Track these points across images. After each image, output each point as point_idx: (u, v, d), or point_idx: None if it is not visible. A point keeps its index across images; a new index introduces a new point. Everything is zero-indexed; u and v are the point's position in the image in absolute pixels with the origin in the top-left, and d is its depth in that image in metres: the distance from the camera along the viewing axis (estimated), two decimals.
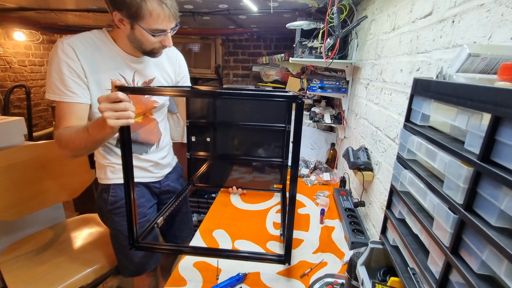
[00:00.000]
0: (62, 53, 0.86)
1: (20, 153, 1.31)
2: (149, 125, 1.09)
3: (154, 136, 1.11)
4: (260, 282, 0.84)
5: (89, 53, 0.90)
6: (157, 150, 1.13)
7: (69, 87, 0.87)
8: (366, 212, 1.12)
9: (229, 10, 1.85)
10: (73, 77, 0.87)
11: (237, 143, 1.34)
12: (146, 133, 1.08)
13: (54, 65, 0.86)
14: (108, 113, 0.69)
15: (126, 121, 0.71)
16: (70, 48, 0.86)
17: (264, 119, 1.28)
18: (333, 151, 1.79)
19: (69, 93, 0.87)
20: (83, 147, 0.83)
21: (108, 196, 1.06)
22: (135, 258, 1.12)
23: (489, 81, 0.40)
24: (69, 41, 0.87)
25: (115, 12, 0.85)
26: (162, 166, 1.16)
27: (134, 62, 0.99)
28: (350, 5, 1.30)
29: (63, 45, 0.86)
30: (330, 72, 1.63)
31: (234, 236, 1.06)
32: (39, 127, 3.63)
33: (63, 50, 0.86)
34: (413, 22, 0.81)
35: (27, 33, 3.26)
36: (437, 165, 0.43)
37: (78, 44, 0.88)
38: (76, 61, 0.87)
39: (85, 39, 0.91)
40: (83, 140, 0.81)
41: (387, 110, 0.96)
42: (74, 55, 0.87)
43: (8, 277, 1.13)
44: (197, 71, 3.18)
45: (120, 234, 1.08)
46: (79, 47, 0.88)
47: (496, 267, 0.32)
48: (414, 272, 0.51)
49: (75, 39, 0.89)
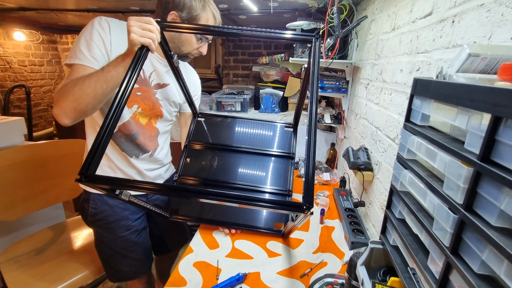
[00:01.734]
0: (98, 25, 0.86)
1: (20, 153, 1.31)
2: (150, 131, 1.06)
3: (152, 143, 1.07)
4: (260, 282, 0.84)
5: (121, 35, 0.88)
6: (148, 160, 1.09)
7: (93, 53, 0.85)
8: (366, 212, 1.12)
9: (229, 10, 1.85)
10: (100, 46, 0.86)
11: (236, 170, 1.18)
12: (145, 137, 1.05)
13: (86, 33, 0.85)
14: (135, 28, 0.70)
15: (149, 41, 0.71)
16: (106, 23, 0.88)
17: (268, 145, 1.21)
18: (333, 151, 1.79)
19: (91, 58, 0.84)
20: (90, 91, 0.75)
21: (89, 208, 1.03)
22: (120, 267, 1.09)
23: (489, 81, 0.40)
24: (107, 18, 0.89)
25: (172, 11, 0.91)
26: (148, 178, 1.10)
27: (158, 62, 1.01)
28: (350, 5, 1.30)
29: (101, 19, 0.88)
30: (330, 72, 1.63)
31: (234, 236, 1.06)
32: (39, 127, 3.63)
33: (100, 23, 0.87)
34: (413, 22, 0.81)
35: (27, 33, 3.27)
36: (437, 165, 0.43)
37: (114, 23, 0.90)
38: (108, 34, 0.87)
39: (121, 23, 0.92)
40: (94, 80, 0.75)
41: (387, 110, 0.96)
42: (108, 29, 0.87)
43: (8, 277, 1.13)
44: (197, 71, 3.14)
45: (103, 245, 1.07)
46: (114, 25, 0.89)
47: (496, 267, 0.32)
48: (414, 272, 0.51)
49: (113, 19, 0.90)
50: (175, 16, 0.91)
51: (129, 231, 1.07)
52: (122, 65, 0.74)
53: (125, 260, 1.09)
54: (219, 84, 3.24)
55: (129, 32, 0.70)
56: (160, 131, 1.10)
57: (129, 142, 1.02)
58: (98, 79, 0.75)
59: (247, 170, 1.16)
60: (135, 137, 1.02)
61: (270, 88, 2.51)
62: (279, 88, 2.51)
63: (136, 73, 0.69)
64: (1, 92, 3.11)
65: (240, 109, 2.45)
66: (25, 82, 3.32)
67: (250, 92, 2.63)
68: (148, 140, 1.06)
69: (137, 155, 1.04)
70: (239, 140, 1.22)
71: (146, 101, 1.02)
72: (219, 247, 0.99)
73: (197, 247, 0.99)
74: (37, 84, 3.58)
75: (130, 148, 1.02)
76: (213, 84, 3.30)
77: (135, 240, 1.09)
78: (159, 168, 1.16)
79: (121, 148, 1.00)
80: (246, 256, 0.95)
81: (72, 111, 0.77)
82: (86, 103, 0.77)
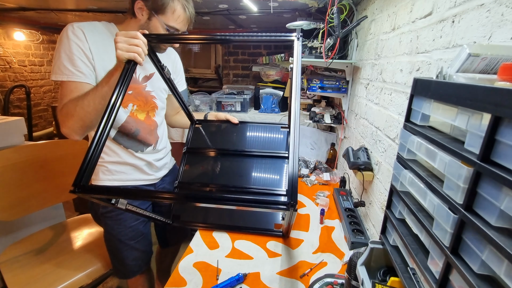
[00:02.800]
0: (72, 35, 0.87)
1: (20, 153, 1.31)
2: (149, 125, 1.10)
3: (152, 137, 1.12)
4: (260, 282, 0.84)
5: (97, 38, 0.91)
6: (153, 152, 1.14)
7: (78, 67, 0.87)
8: (366, 212, 1.12)
9: (229, 10, 1.85)
10: (82, 57, 0.88)
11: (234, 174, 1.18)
12: (146, 132, 1.09)
13: (63, 46, 0.86)
14: (121, 44, 0.73)
15: (134, 55, 0.74)
16: (79, 30, 0.88)
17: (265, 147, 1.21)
18: (333, 151, 1.79)
19: (78, 72, 0.87)
20: (91, 109, 0.81)
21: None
22: (126, 260, 1.12)
23: (489, 81, 0.39)
24: (79, 25, 0.89)
25: (139, 0, 0.91)
26: (156, 167, 1.15)
27: None
28: (350, 5, 1.30)
29: (73, 28, 0.88)
30: (330, 72, 1.62)
31: (234, 236, 1.06)
32: (39, 127, 3.63)
33: (73, 32, 0.87)
34: (413, 22, 0.81)
35: (27, 33, 3.26)
36: (437, 165, 0.43)
37: (88, 28, 0.90)
38: (85, 42, 0.88)
39: (94, 26, 0.93)
40: (91, 99, 0.81)
41: (387, 110, 0.96)
42: (83, 37, 0.88)
43: (8, 277, 1.13)
44: (197, 71, 3.18)
45: (112, 238, 1.09)
46: (88, 31, 0.90)
47: (496, 267, 0.32)
48: (414, 272, 0.51)
49: (85, 24, 0.91)
50: (141, 5, 0.92)
51: (138, 221, 1.11)
52: (113, 80, 0.79)
53: (132, 252, 1.12)
54: (219, 84, 3.24)
55: (116, 48, 0.73)
56: (158, 123, 1.15)
57: (131, 140, 1.05)
58: (95, 96, 0.81)
59: (245, 173, 1.17)
60: (136, 134, 1.06)
61: (270, 88, 2.51)
62: (279, 88, 2.51)
63: (124, 87, 0.71)
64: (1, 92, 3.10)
65: (240, 109, 2.45)
66: (25, 82, 3.32)
67: (250, 92, 2.63)
68: (148, 135, 1.10)
69: (142, 150, 1.09)
70: (236, 144, 1.23)
71: (139, 97, 1.05)
72: (219, 247, 0.99)
73: (197, 247, 0.99)
74: (37, 84, 3.58)
75: (134, 144, 1.06)
76: (213, 84, 3.30)
77: (142, 231, 1.13)
78: (164, 157, 1.21)
79: (125, 146, 1.04)
80: (246, 256, 0.95)
81: (80, 129, 0.86)
82: (90, 119, 0.84)
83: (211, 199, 0.60)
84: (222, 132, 1.28)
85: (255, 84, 2.77)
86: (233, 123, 1.26)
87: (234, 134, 1.27)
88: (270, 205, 0.58)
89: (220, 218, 1.12)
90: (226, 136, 1.27)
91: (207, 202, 0.59)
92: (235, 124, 1.27)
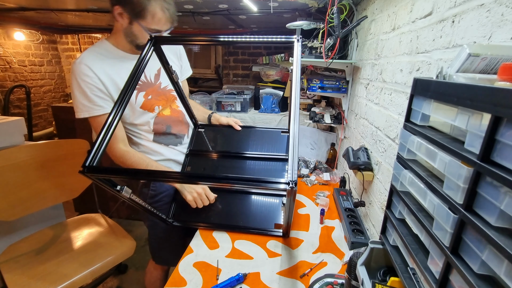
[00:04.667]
0: (79, 73, 0.92)
1: (20, 153, 1.31)
2: (177, 117, 1.17)
3: (183, 126, 1.20)
4: (260, 282, 0.84)
5: (104, 66, 0.96)
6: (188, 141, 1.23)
7: (94, 102, 0.94)
8: (366, 212, 1.12)
9: (229, 10, 1.85)
10: (95, 92, 0.95)
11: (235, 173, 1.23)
12: (176, 124, 1.17)
13: (75, 86, 0.93)
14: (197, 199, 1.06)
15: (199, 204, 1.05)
16: (85, 67, 0.93)
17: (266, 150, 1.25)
18: (333, 151, 1.79)
19: (96, 107, 0.95)
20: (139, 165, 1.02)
21: (148, 191, 1.13)
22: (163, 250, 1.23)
23: (489, 81, 0.39)
24: (82, 60, 0.94)
25: (117, 6, 0.91)
26: None
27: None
28: (350, 5, 1.30)
29: (78, 66, 0.93)
30: (330, 72, 1.62)
31: (234, 236, 1.06)
32: (39, 127, 3.63)
33: (80, 70, 0.92)
34: (413, 22, 0.81)
35: (27, 33, 3.27)
36: (437, 165, 0.43)
37: (91, 61, 0.94)
38: (93, 77, 0.94)
39: (94, 54, 0.97)
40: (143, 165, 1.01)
41: (387, 110, 0.96)
42: (90, 72, 0.93)
43: (8, 277, 1.13)
44: (197, 71, 3.18)
45: (156, 225, 1.18)
46: (93, 63, 0.94)
47: (496, 267, 0.32)
48: (414, 272, 0.51)
49: (86, 57, 0.95)
50: (120, 11, 0.93)
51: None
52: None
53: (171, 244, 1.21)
54: (219, 84, 3.25)
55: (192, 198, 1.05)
56: (183, 112, 1.21)
57: (168, 136, 1.15)
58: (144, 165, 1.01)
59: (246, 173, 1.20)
60: (169, 130, 1.15)
61: (270, 88, 2.51)
62: (279, 88, 2.51)
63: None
64: (1, 92, 3.11)
65: (240, 109, 2.45)
66: (25, 82, 3.32)
67: (250, 92, 2.63)
68: (179, 126, 1.19)
69: (180, 142, 1.19)
70: (238, 147, 1.28)
71: (159, 97, 1.11)
72: (219, 247, 0.99)
73: (197, 247, 0.99)
74: (37, 84, 3.58)
75: (171, 140, 1.16)
76: (213, 84, 3.30)
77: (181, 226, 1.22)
78: None
79: (165, 144, 1.14)
80: (246, 256, 0.95)
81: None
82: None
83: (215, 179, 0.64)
84: (224, 136, 1.34)
85: (255, 84, 2.77)
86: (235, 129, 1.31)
87: (235, 138, 1.31)
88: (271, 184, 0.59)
89: (220, 218, 1.13)
90: (228, 140, 1.32)
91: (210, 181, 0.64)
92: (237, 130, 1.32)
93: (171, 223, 1.10)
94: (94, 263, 1.22)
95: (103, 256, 1.27)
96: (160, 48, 0.96)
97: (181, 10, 1.92)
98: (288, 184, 0.56)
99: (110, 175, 0.68)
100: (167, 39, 0.94)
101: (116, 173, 0.69)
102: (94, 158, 0.64)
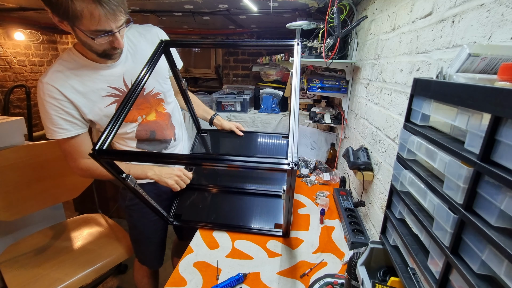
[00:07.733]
0: (45, 94, 0.86)
1: (20, 153, 1.31)
2: (163, 121, 1.11)
3: (169, 131, 1.14)
4: (260, 282, 0.84)
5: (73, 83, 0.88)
6: (175, 144, 1.18)
7: (58, 125, 0.90)
8: (366, 212, 1.12)
9: (229, 10, 1.85)
10: (60, 114, 0.89)
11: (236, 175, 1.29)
12: (161, 130, 1.11)
13: (41, 107, 0.89)
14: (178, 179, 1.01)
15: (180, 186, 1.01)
16: (51, 87, 0.85)
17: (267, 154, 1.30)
18: (333, 151, 1.79)
19: (60, 130, 0.90)
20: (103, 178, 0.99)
21: (127, 192, 1.12)
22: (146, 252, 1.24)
23: (489, 81, 0.39)
24: (48, 79, 0.85)
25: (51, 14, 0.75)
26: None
27: (115, 67, 0.94)
28: (350, 5, 1.30)
29: (44, 86, 0.85)
30: (330, 72, 1.62)
31: (234, 236, 1.06)
32: (39, 127, 3.63)
33: (45, 91, 0.85)
34: (413, 22, 0.81)
35: (27, 33, 3.26)
36: (437, 165, 0.43)
37: (59, 79, 0.86)
38: (61, 99, 0.87)
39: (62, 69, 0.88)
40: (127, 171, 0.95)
41: (387, 110, 0.96)
42: (57, 94, 0.86)
43: (8, 277, 1.13)
44: (197, 71, 3.18)
45: (135, 229, 1.19)
46: (61, 82, 0.86)
47: (496, 267, 0.32)
48: (414, 272, 0.51)
49: (52, 75, 0.86)
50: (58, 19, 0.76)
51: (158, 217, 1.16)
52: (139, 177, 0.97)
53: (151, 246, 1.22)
54: (219, 84, 3.24)
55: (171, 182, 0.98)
56: (170, 112, 1.15)
57: (151, 142, 1.10)
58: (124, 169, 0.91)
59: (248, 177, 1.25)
60: (153, 136, 1.09)
61: (270, 88, 2.51)
62: (279, 88, 2.51)
63: None
64: (1, 92, 3.11)
65: (240, 109, 2.45)
66: (25, 82, 3.32)
67: (250, 92, 2.63)
68: (164, 131, 1.12)
69: (165, 147, 1.14)
70: (239, 151, 1.31)
71: (141, 106, 1.04)
72: (219, 247, 0.99)
73: (197, 247, 0.99)
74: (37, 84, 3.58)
75: (156, 146, 1.11)
76: (213, 84, 3.30)
77: (161, 227, 1.22)
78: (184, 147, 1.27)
79: (150, 150, 1.09)
80: (246, 256, 0.95)
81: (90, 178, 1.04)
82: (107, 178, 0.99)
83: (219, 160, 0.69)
84: (226, 141, 1.37)
85: (255, 84, 2.77)
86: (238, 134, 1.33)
87: (237, 142, 1.34)
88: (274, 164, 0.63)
89: (220, 217, 1.13)
90: (229, 144, 1.36)
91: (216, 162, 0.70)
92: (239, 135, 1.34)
93: (171, 223, 1.10)
94: (94, 263, 1.22)
95: (103, 256, 1.27)
96: (169, 51, 0.96)
97: (181, 10, 1.92)
98: (288, 164, 0.61)
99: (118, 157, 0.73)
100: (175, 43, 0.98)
101: (124, 155, 0.77)
102: (104, 142, 0.68)
